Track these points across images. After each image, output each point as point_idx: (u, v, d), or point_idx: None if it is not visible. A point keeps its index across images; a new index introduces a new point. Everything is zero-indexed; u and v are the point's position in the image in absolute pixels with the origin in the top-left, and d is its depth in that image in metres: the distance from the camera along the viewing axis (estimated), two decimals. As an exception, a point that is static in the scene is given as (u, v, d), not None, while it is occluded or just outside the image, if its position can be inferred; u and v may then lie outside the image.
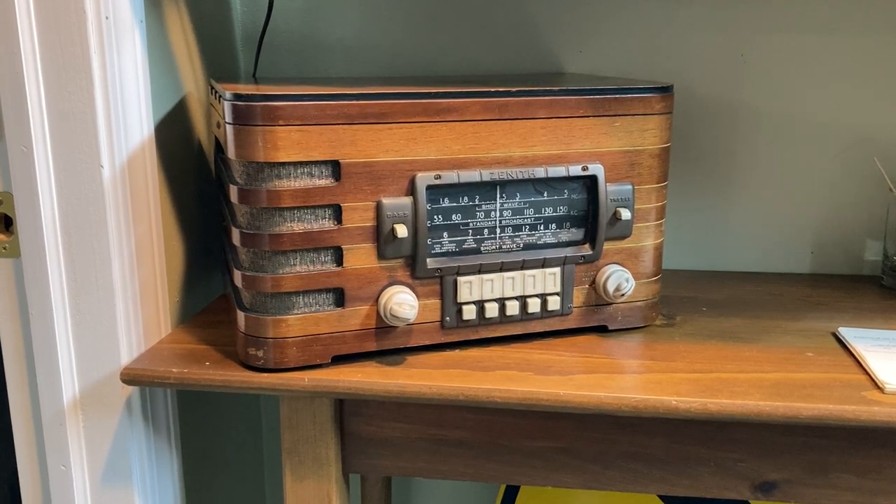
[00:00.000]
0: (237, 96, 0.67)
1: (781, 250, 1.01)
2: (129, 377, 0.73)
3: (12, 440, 0.81)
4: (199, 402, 0.93)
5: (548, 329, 0.78)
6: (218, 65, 0.96)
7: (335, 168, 0.69)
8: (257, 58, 0.93)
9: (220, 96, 0.72)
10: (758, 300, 0.91)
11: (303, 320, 0.71)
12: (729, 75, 0.96)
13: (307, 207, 0.69)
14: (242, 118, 0.67)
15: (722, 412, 0.66)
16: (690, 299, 0.91)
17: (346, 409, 0.76)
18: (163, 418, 0.82)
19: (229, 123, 0.68)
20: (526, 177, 0.74)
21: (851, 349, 0.76)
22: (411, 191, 0.71)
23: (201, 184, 0.91)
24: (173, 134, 0.84)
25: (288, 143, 0.67)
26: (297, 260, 0.70)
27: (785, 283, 0.97)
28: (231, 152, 0.69)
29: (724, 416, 0.66)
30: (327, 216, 0.70)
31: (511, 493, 1.08)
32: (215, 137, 0.83)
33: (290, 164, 0.68)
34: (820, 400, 0.66)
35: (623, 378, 0.71)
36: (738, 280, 0.98)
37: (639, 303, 0.81)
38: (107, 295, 0.75)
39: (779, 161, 0.98)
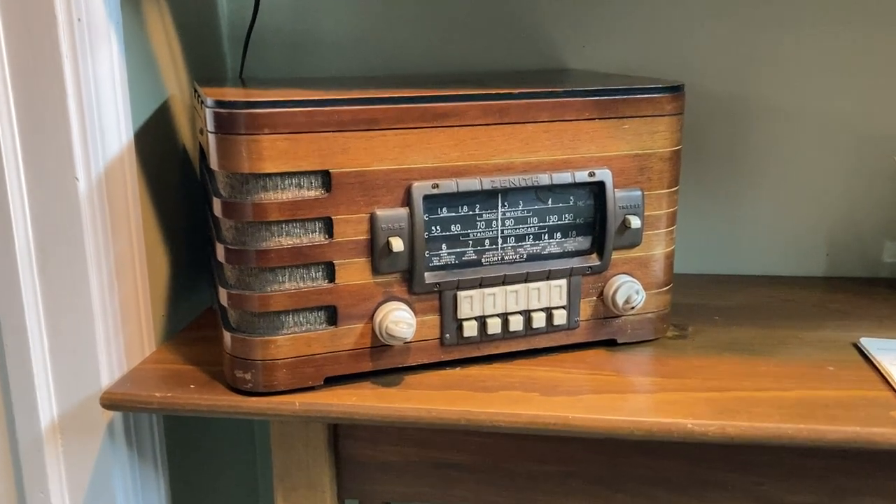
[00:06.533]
0: (219, 103, 0.63)
1: (795, 252, 0.97)
2: (109, 402, 0.68)
3: (-11, 466, 0.77)
4: (188, 425, 0.88)
5: (554, 344, 0.74)
6: (203, 64, 0.92)
7: (325, 178, 0.65)
8: (244, 57, 0.89)
9: (202, 102, 0.67)
10: (772, 307, 0.87)
11: (293, 340, 0.67)
12: (738, 70, 0.92)
13: (296, 221, 0.65)
14: (225, 127, 0.63)
15: (741, 436, 0.62)
16: (701, 307, 0.86)
17: (341, 431, 0.72)
18: (148, 442, 0.77)
19: (211, 132, 0.64)
20: (529, 184, 0.69)
21: (875, 362, 0.71)
22: (407, 201, 0.67)
23: (187, 191, 0.86)
24: (155, 140, 0.79)
25: (274, 152, 0.63)
26: (286, 277, 0.66)
27: (799, 287, 0.93)
28: (214, 163, 0.65)
29: (744, 440, 0.62)
30: (318, 230, 0.66)
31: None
32: (199, 143, 0.79)
33: (276, 175, 0.64)
34: (845, 421, 0.62)
35: (635, 398, 0.67)
36: (749, 285, 0.94)
37: (649, 314, 0.76)
38: (85, 314, 0.71)
39: (791, 159, 0.94)
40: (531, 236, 0.72)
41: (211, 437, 0.95)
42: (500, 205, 0.70)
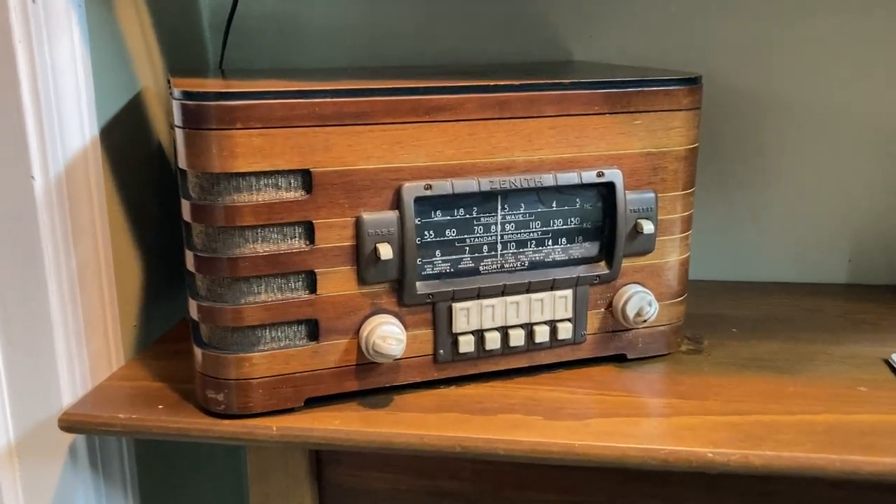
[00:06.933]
0: (187, 94, 0.56)
1: (815, 258, 0.90)
2: (68, 424, 0.62)
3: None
4: (162, 446, 0.81)
5: (558, 360, 0.68)
6: (182, 54, 0.85)
7: (305, 178, 0.58)
8: (224, 46, 0.82)
9: (171, 93, 0.61)
10: (793, 318, 0.80)
11: (270, 358, 0.60)
12: (756, 62, 0.85)
13: (273, 225, 0.58)
14: (194, 121, 0.56)
15: (767, 466, 0.56)
16: (717, 317, 0.80)
17: (324, 456, 0.66)
18: (116, 466, 0.71)
19: (179, 127, 0.58)
20: (531, 185, 0.63)
21: (910, 382, 0.65)
22: (397, 204, 0.60)
23: (162, 191, 0.80)
24: (126, 136, 0.73)
25: (248, 149, 0.56)
26: (262, 287, 0.59)
27: (821, 295, 0.87)
28: (182, 161, 0.58)
29: (769, 471, 0.56)
30: (297, 235, 0.59)
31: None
32: (174, 140, 0.73)
33: (251, 174, 0.57)
34: (883, 451, 0.56)
35: (648, 422, 0.60)
36: (767, 292, 0.88)
37: (662, 327, 0.70)
38: (43, 326, 0.64)
39: (812, 158, 0.88)
40: (533, 242, 0.65)
41: (190, 458, 0.89)
42: (499, 207, 0.64)
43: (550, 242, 0.66)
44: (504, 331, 0.65)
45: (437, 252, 0.63)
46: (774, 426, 0.59)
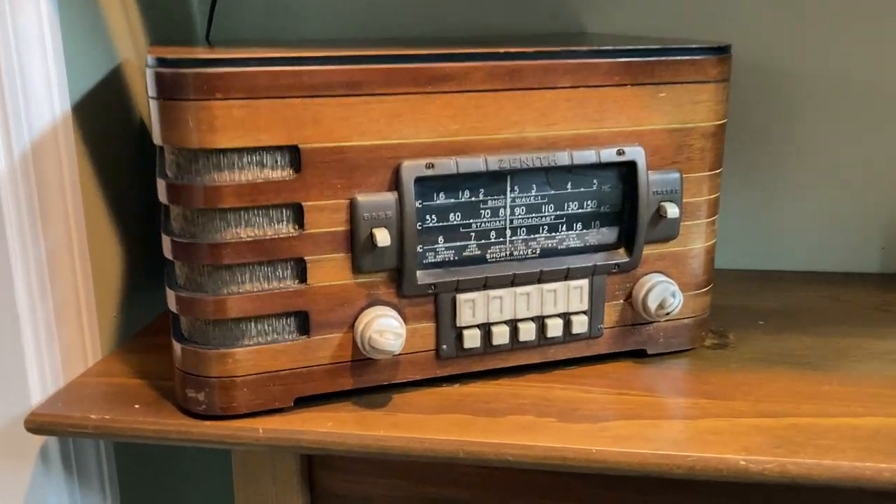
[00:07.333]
0: (161, 62, 0.51)
1: (845, 246, 0.85)
2: (35, 425, 0.57)
3: None
4: (143, 445, 0.75)
5: (572, 356, 0.62)
6: (168, 26, 0.80)
7: (294, 155, 0.53)
8: (211, 15, 0.76)
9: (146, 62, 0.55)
10: (824, 309, 0.75)
11: (256, 354, 0.55)
12: (785, 35, 0.79)
13: (257, 208, 0.53)
14: (168, 91, 0.51)
15: (806, 476, 0.50)
16: (743, 309, 0.74)
17: (316, 460, 0.61)
18: (93, 467, 0.66)
19: (153, 98, 0.52)
20: (544, 164, 0.57)
21: (959, 381, 0.60)
22: (395, 184, 0.55)
23: (145, 171, 0.74)
24: (102, 113, 0.67)
25: (229, 122, 0.51)
26: (247, 276, 0.54)
27: (852, 285, 0.81)
28: (157, 136, 0.53)
29: (810, 481, 0.51)
30: (285, 219, 0.54)
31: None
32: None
33: (232, 150, 0.52)
34: (937, 460, 0.50)
35: (671, 425, 0.55)
36: (795, 282, 0.82)
37: (685, 320, 0.64)
38: (9, 319, 0.59)
39: (843, 139, 0.82)
40: (546, 228, 0.60)
41: (173, 459, 0.83)
42: (508, 189, 0.58)
43: (564, 228, 0.60)
44: (513, 324, 0.60)
45: (440, 238, 0.57)
46: (812, 430, 0.54)
